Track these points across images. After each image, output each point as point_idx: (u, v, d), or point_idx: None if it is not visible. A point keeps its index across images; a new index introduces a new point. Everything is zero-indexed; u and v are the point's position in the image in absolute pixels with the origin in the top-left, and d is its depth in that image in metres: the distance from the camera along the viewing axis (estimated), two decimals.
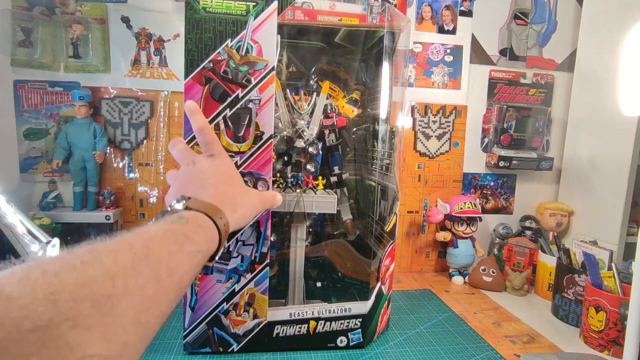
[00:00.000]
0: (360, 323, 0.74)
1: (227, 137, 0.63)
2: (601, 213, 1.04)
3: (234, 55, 0.62)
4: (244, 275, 0.67)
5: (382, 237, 0.77)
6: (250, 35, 0.62)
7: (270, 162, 0.65)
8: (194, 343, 0.68)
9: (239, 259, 0.66)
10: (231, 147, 0.63)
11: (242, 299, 0.67)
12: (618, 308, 0.74)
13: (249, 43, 0.62)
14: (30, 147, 0.98)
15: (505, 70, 1.18)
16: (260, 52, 0.63)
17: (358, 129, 0.84)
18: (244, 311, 0.68)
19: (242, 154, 0.64)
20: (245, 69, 0.62)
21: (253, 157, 0.64)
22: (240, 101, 0.63)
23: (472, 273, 1.10)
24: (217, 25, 0.62)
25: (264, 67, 0.63)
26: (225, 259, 0.66)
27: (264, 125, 0.64)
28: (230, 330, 0.69)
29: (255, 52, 0.63)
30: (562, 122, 1.21)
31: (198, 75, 0.62)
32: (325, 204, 0.73)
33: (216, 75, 0.62)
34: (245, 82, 0.63)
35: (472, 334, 0.82)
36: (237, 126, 0.63)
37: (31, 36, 0.94)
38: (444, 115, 1.16)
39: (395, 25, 0.74)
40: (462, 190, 1.20)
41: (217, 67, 0.62)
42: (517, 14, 1.17)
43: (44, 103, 0.98)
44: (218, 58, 0.62)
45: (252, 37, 0.62)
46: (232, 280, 0.67)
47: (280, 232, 0.78)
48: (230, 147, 0.63)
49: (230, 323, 0.68)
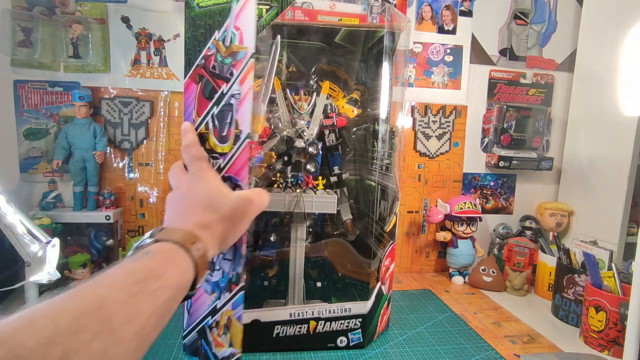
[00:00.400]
0: (360, 323, 0.74)
1: (214, 138, 0.59)
2: (601, 213, 1.04)
3: (220, 48, 0.58)
4: (224, 292, 0.61)
5: (382, 237, 0.77)
6: (234, 22, 0.58)
7: (247, 167, 0.58)
8: (190, 346, 0.67)
9: (221, 273, 0.61)
10: (217, 148, 0.59)
11: (222, 319, 0.62)
12: (618, 308, 0.74)
13: (232, 32, 0.58)
14: (30, 147, 0.98)
15: (505, 70, 1.18)
16: (241, 40, 0.58)
17: (358, 129, 0.84)
18: (223, 333, 0.63)
19: (224, 155, 0.59)
20: (229, 60, 0.58)
21: (232, 159, 0.59)
22: (224, 97, 0.58)
23: (472, 273, 1.10)
24: (207, 19, 0.60)
25: (244, 56, 0.58)
26: (210, 269, 0.60)
27: (242, 123, 0.58)
28: (212, 349, 0.64)
29: (237, 41, 0.58)
30: (562, 122, 1.21)
31: (193, 74, 0.60)
32: (325, 204, 0.73)
33: (206, 72, 0.60)
34: (229, 76, 0.58)
35: (472, 334, 0.81)
36: (221, 125, 0.59)
37: (31, 36, 0.94)
38: (444, 115, 1.16)
39: (395, 25, 0.74)
40: (462, 190, 1.20)
41: (207, 63, 0.59)
42: (517, 14, 1.17)
43: (44, 103, 0.98)
44: (208, 53, 0.59)
45: (235, 24, 0.58)
46: (215, 294, 0.62)
47: (280, 232, 0.79)
48: (216, 148, 0.59)
49: (213, 341, 0.64)
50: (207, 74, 0.60)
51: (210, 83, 0.60)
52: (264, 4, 0.65)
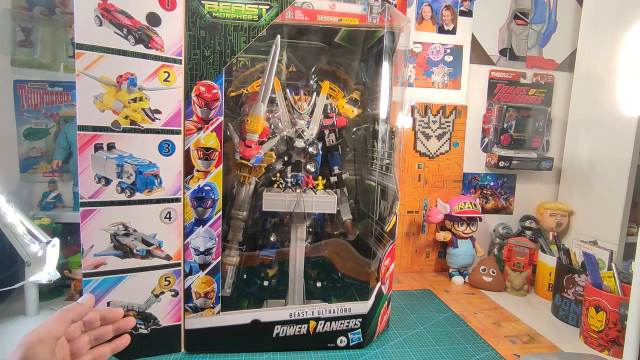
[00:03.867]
0: (360, 323, 0.74)
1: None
2: (601, 213, 1.04)
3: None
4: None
5: (382, 237, 0.77)
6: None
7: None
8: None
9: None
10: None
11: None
12: (618, 308, 0.74)
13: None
14: (30, 147, 0.98)
15: (505, 70, 1.18)
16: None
17: (358, 129, 0.84)
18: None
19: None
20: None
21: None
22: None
23: (472, 273, 1.10)
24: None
25: None
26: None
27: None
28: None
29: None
30: (562, 122, 1.21)
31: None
32: (325, 204, 0.73)
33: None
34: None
35: (472, 334, 0.81)
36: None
37: (31, 36, 0.94)
38: (444, 115, 1.16)
39: (395, 25, 0.74)
40: (462, 190, 1.20)
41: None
42: (517, 14, 1.17)
43: (44, 103, 0.98)
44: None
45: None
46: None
47: (280, 232, 0.78)
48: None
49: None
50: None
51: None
52: (264, 4, 0.65)
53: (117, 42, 0.60)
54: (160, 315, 0.67)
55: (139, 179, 0.63)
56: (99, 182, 0.62)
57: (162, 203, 0.65)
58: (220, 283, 0.69)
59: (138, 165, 0.63)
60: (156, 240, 0.66)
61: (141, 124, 0.63)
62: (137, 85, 0.62)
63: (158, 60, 0.63)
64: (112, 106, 0.61)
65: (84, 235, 0.62)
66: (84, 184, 0.61)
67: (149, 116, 0.63)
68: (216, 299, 0.69)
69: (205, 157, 0.66)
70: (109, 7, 0.59)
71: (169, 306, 0.68)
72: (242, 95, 0.75)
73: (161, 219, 0.66)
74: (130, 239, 0.64)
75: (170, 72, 0.64)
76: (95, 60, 0.60)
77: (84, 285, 0.62)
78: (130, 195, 0.63)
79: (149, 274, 0.66)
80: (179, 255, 0.67)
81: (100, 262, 0.63)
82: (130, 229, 0.64)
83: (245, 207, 0.73)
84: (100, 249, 0.63)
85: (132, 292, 0.65)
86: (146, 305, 0.66)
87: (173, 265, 0.67)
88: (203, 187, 0.66)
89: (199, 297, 0.69)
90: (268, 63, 0.67)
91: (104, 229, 0.63)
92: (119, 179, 0.62)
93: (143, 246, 0.65)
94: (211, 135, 0.66)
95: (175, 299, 0.68)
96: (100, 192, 0.62)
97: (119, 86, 0.61)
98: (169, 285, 0.67)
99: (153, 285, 0.66)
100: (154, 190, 0.65)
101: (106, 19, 0.59)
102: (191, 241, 0.67)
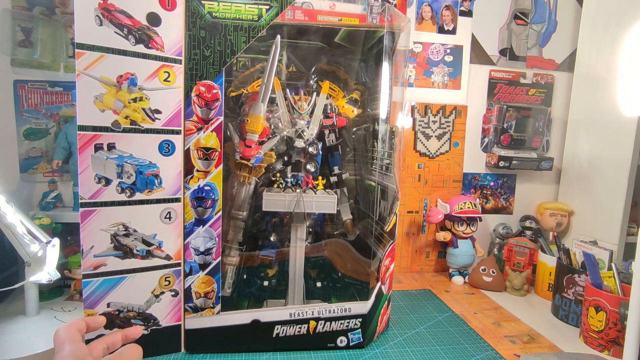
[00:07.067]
0: (360, 323, 0.74)
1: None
2: (601, 213, 1.04)
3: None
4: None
5: (382, 237, 0.77)
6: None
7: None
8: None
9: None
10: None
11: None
12: (618, 308, 0.74)
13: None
14: (30, 147, 0.98)
15: (505, 70, 1.18)
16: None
17: (358, 129, 0.84)
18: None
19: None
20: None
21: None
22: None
23: (472, 273, 1.10)
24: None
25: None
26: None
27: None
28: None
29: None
30: (562, 122, 1.21)
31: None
32: (325, 204, 0.73)
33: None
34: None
35: (472, 334, 0.81)
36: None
37: (31, 36, 0.94)
38: (444, 115, 1.16)
39: (395, 25, 0.74)
40: (462, 190, 1.20)
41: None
42: (517, 14, 1.17)
43: (44, 103, 0.98)
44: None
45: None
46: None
47: (280, 232, 0.78)
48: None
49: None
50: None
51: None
52: (264, 4, 0.65)
53: (117, 42, 0.60)
54: (160, 316, 0.67)
55: (139, 179, 0.63)
56: (99, 182, 0.62)
57: (162, 203, 0.65)
58: (220, 283, 0.69)
59: (138, 165, 0.63)
60: (156, 241, 0.66)
61: (141, 124, 0.63)
62: (137, 85, 0.62)
63: (158, 60, 0.63)
64: (112, 106, 0.61)
65: (84, 236, 0.62)
66: (84, 184, 0.61)
67: (149, 116, 0.63)
68: (216, 299, 0.69)
69: (205, 157, 0.66)
70: (109, 7, 0.59)
71: (169, 306, 0.68)
72: (242, 95, 0.75)
73: (161, 219, 0.66)
74: (130, 239, 0.64)
75: (170, 72, 0.64)
76: (96, 60, 0.60)
77: (84, 287, 0.62)
78: (130, 195, 0.63)
79: (149, 274, 0.66)
80: (179, 255, 0.67)
81: (100, 263, 0.63)
82: (130, 229, 0.64)
83: (245, 207, 0.73)
84: (101, 249, 0.63)
85: (132, 292, 0.65)
86: (146, 305, 0.66)
87: (173, 265, 0.67)
88: (203, 187, 0.66)
89: (199, 297, 0.69)
90: (268, 63, 0.67)
91: (104, 229, 0.63)
92: (119, 179, 0.62)
93: (143, 246, 0.65)
94: (211, 135, 0.66)
95: (175, 299, 0.68)
96: (100, 192, 0.62)
97: (119, 86, 0.61)
98: (169, 285, 0.67)
99: (153, 286, 0.66)
100: (154, 191, 0.64)
101: (106, 19, 0.59)
102: (191, 241, 0.67)
